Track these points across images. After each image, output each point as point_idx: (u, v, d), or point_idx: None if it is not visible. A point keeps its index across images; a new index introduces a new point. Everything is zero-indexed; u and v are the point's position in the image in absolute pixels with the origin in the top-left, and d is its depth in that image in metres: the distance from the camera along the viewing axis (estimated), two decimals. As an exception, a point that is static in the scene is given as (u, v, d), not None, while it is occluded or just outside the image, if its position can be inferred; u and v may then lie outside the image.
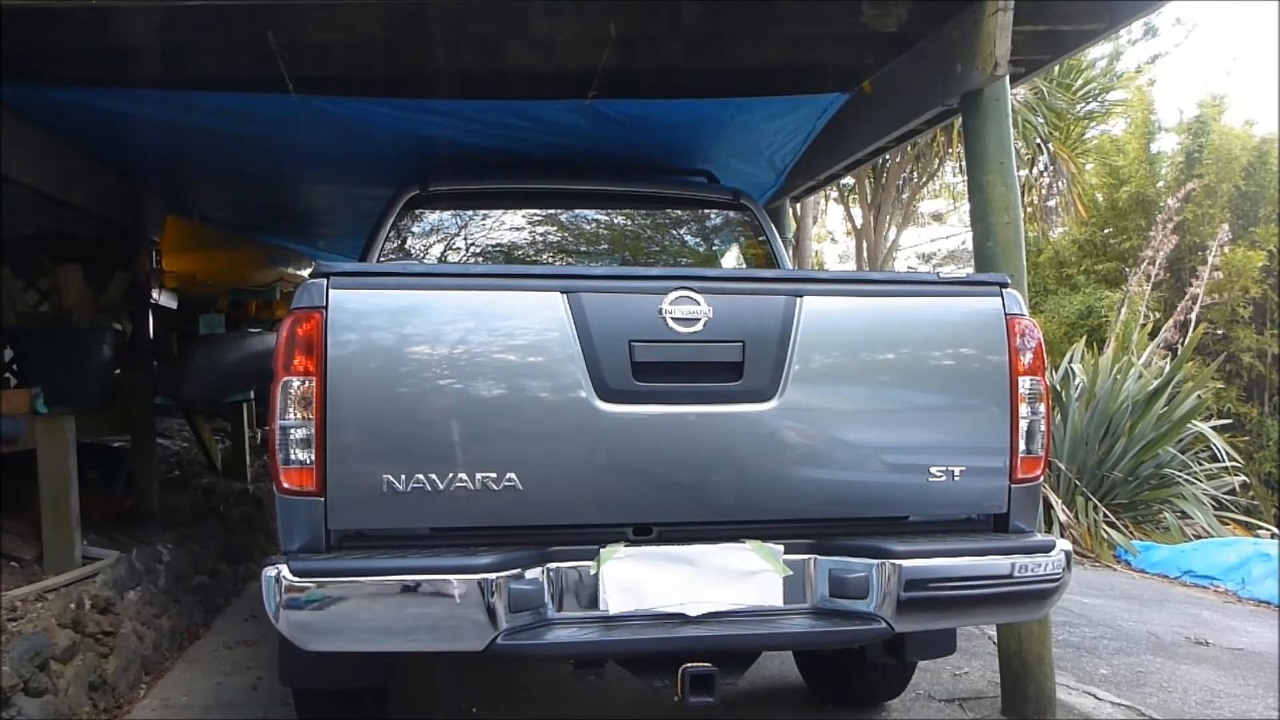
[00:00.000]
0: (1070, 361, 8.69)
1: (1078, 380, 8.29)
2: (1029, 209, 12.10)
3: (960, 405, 2.83)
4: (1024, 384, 2.80)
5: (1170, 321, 9.37)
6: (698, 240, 4.74)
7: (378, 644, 2.55)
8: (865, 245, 13.58)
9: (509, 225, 4.47)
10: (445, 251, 4.29)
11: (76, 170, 5.14)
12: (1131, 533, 7.51)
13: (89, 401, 5.47)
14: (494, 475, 2.54)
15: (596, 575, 2.58)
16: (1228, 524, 8.00)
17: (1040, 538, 2.84)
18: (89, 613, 4.05)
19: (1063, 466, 7.56)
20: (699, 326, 2.63)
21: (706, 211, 4.65)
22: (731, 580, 2.63)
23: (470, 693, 4.04)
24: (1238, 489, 8.68)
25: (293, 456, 2.50)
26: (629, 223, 4.63)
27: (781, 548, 2.67)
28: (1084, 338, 10.05)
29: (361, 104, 4.35)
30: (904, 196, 13.85)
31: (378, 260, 3.89)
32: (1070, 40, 4.55)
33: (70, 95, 4.26)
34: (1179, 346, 8.87)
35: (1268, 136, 12.50)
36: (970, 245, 4.21)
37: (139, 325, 6.28)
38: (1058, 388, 8.06)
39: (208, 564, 5.71)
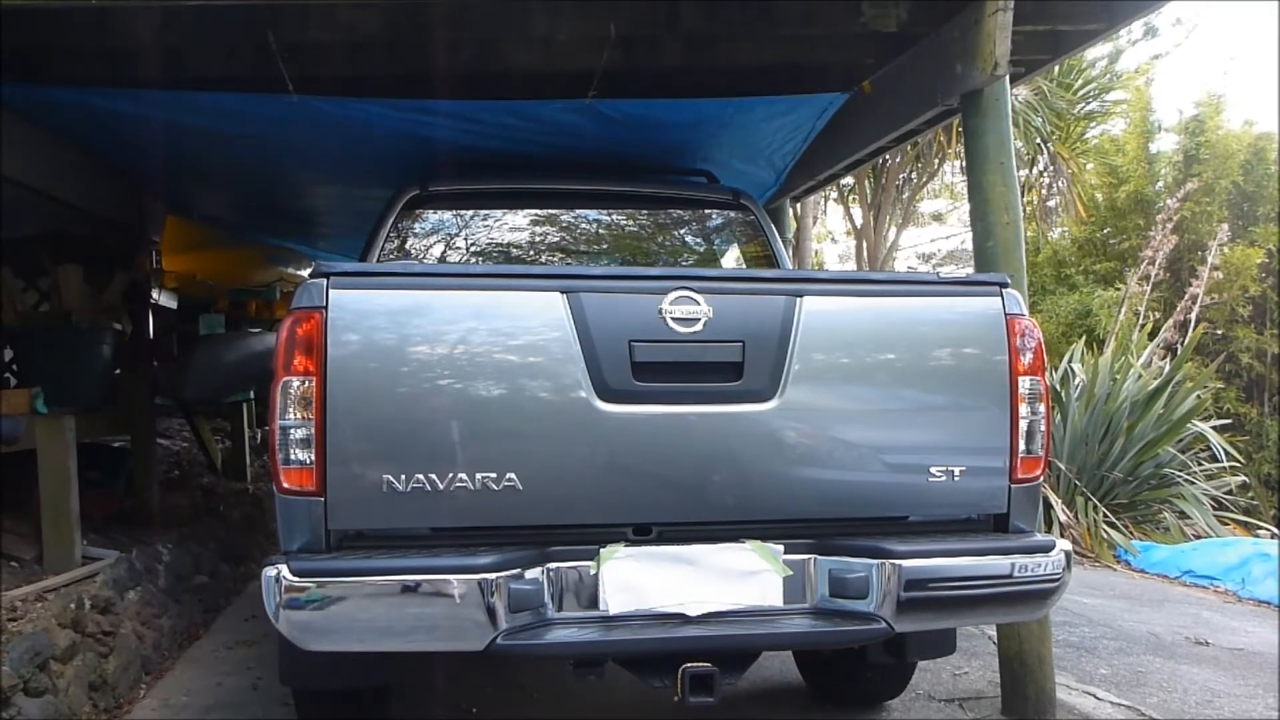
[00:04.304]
0: (1070, 361, 8.69)
1: (1077, 380, 8.29)
2: (1029, 209, 12.09)
3: (960, 405, 2.83)
4: (1024, 384, 2.80)
5: (1170, 321, 9.37)
6: (698, 240, 4.74)
7: (378, 644, 2.55)
8: (865, 245, 13.57)
9: (509, 225, 4.48)
10: (445, 251, 4.30)
11: (76, 170, 5.14)
12: (1131, 533, 7.51)
13: (89, 401, 5.47)
14: (494, 475, 2.54)
15: (596, 575, 2.58)
16: (1227, 524, 8.00)
17: (1040, 538, 2.84)
18: (89, 613, 4.05)
19: (1063, 466, 7.56)
20: (699, 326, 2.63)
21: (706, 211, 4.65)
22: (731, 580, 2.63)
23: (470, 693, 4.04)
24: (1235, 489, 8.68)
25: (293, 456, 2.50)
26: (629, 223, 4.63)
27: (781, 548, 2.67)
28: (1083, 338, 10.05)
29: (361, 105, 4.35)
30: (904, 196, 13.84)
31: (378, 260, 3.89)
32: (1070, 40, 4.55)
33: (71, 95, 4.26)
34: (1179, 346, 8.87)
35: (1265, 133, 12.49)
36: (970, 245, 4.21)
37: (139, 325, 6.28)
38: (1057, 388, 8.06)
39: (208, 564, 5.71)
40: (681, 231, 4.75)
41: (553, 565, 2.58)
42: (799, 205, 10.48)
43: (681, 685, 2.54)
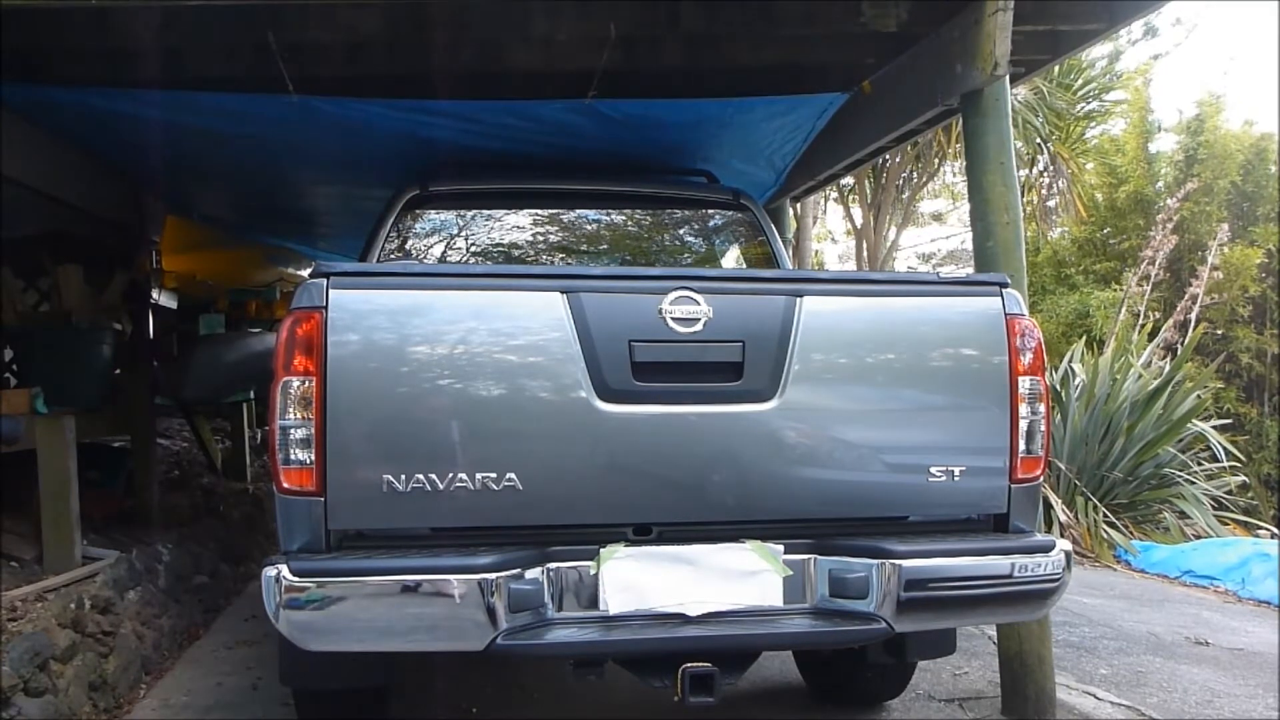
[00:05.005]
0: (1070, 361, 8.70)
1: (1077, 380, 8.29)
2: (1029, 209, 12.10)
3: (960, 405, 2.83)
4: (1024, 384, 2.80)
5: (1170, 321, 9.38)
6: (698, 240, 4.74)
7: (378, 644, 2.56)
8: (865, 245, 13.57)
9: (509, 225, 4.48)
10: (445, 251, 4.30)
11: (76, 170, 5.14)
12: (1131, 533, 7.51)
13: (89, 401, 5.47)
14: (494, 475, 2.54)
15: (596, 575, 2.58)
16: (1227, 524, 8.00)
17: (1040, 538, 2.84)
18: (89, 613, 4.05)
19: (1063, 466, 7.56)
20: (699, 326, 2.63)
21: (706, 211, 4.65)
22: (731, 580, 2.63)
23: (470, 693, 4.04)
24: (1235, 489, 8.68)
25: (293, 456, 2.50)
26: (629, 223, 4.63)
27: (781, 548, 2.67)
28: (1083, 338, 10.05)
29: (361, 105, 4.35)
30: (904, 196, 13.84)
31: (378, 260, 3.89)
32: (1070, 40, 4.55)
33: (71, 95, 4.26)
34: (1179, 346, 8.87)
35: (1266, 133, 12.51)
36: (970, 245, 4.21)
37: (139, 325, 6.28)
38: (1057, 388, 8.06)
39: (208, 564, 5.71)
40: (681, 231, 4.75)
41: (553, 565, 2.58)
42: (799, 205, 10.47)
43: (681, 685, 2.53)
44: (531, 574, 2.52)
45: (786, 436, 2.70)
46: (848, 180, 12.61)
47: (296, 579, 2.40)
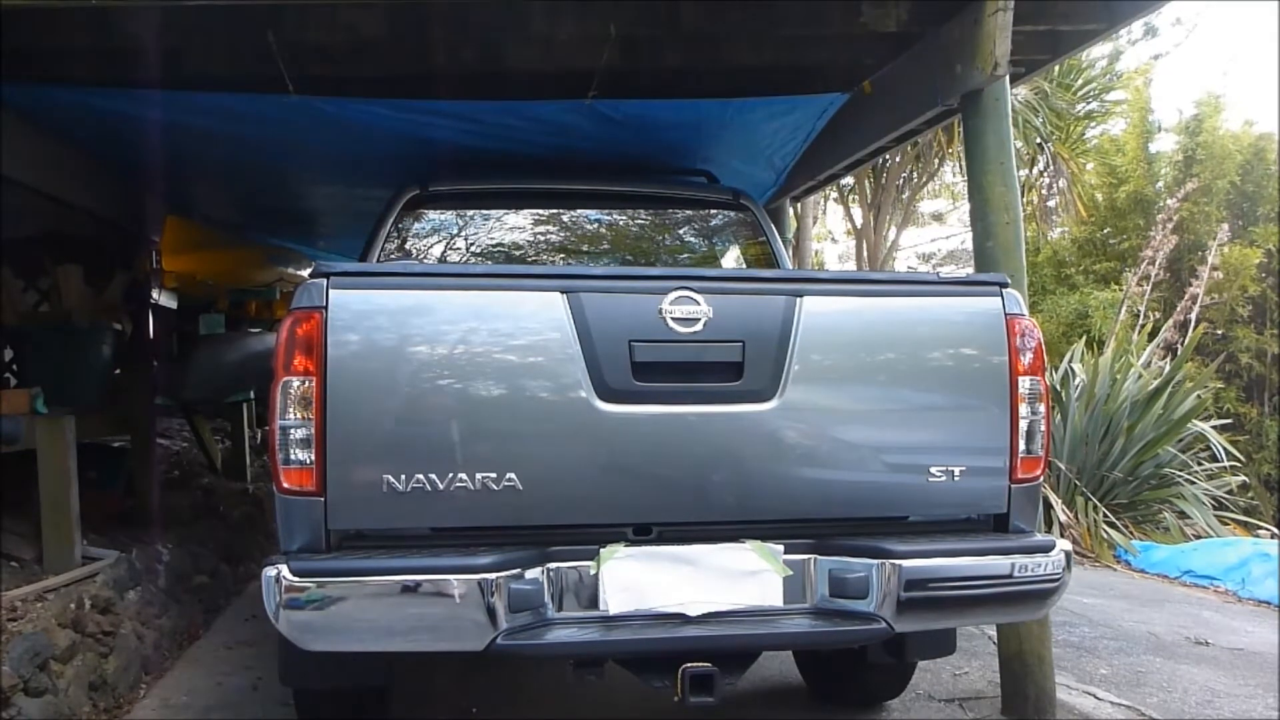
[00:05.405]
0: (1070, 361, 8.69)
1: (1077, 380, 8.29)
2: (1029, 209, 12.09)
3: (960, 405, 2.84)
4: (1024, 384, 2.81)
5: (1170, 321, 9.38)
6: (698, 240, 4.74)
7: (378, 644, 2.56)
8: (865, 245, 13.57)
9: (509, 225, 4.48)
10: (445, 252, 4.30)
11: (76, 170, 5.14)
12: (1131, 533, 7.51)
13: (89, 401, 5.47)
14: (494, 475, 2.54)
15: (596, 575, 2.58)
16: (1228, 524, 8.00)
17: (1040, 538, 2.84)
18: (89, 613, 4.05)
19: (1063, 466, 7.56)
20: (699, 326, 2.63)
21: (706, 211, 4.65)
22: (732, 580, 2.63)
23: (470, 693, 4.04)
24: (1235, 489, 8.68)
25: (293, 456, 2.50)
26: (629, 223, 4.63)
27: (781, 548, 2.67)
28: (1083, 338, 10.06)
29: (361, 105, 4.35)
30: (904, 196, 13.84)
31: (378, 260, 3.89)
32: (1070, 40, 4.55)
33: (71, 95, 4.26)
34: (1179, 346, 8.87)
35: (1265, 133, 12.51)
36: (970, 245, 4.21)
37: (139, 325, 6.28)
38: (1057, 388, 8.06)
39: (208, 564, 5.71)
40: (681, 231, 4.75)
41: (553, 565, 2.58)
42: (799, 205, 10.46)
43: (681, 685, 2.53)
44: (531, 574, 2.52)
45: (786, 436, 2.70)
46: (848, 180, 12.60)
47: (296, 579, 2.40)
